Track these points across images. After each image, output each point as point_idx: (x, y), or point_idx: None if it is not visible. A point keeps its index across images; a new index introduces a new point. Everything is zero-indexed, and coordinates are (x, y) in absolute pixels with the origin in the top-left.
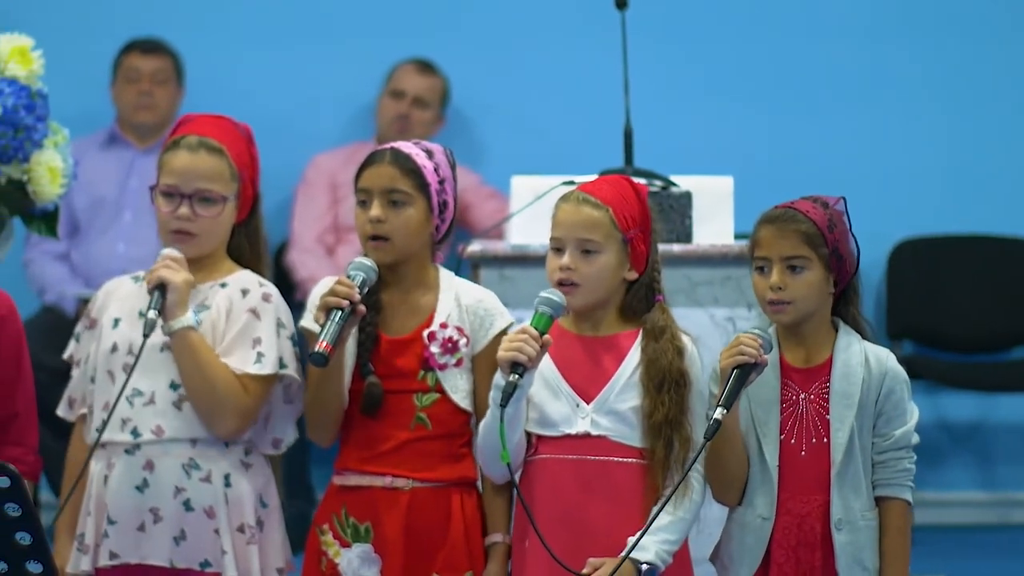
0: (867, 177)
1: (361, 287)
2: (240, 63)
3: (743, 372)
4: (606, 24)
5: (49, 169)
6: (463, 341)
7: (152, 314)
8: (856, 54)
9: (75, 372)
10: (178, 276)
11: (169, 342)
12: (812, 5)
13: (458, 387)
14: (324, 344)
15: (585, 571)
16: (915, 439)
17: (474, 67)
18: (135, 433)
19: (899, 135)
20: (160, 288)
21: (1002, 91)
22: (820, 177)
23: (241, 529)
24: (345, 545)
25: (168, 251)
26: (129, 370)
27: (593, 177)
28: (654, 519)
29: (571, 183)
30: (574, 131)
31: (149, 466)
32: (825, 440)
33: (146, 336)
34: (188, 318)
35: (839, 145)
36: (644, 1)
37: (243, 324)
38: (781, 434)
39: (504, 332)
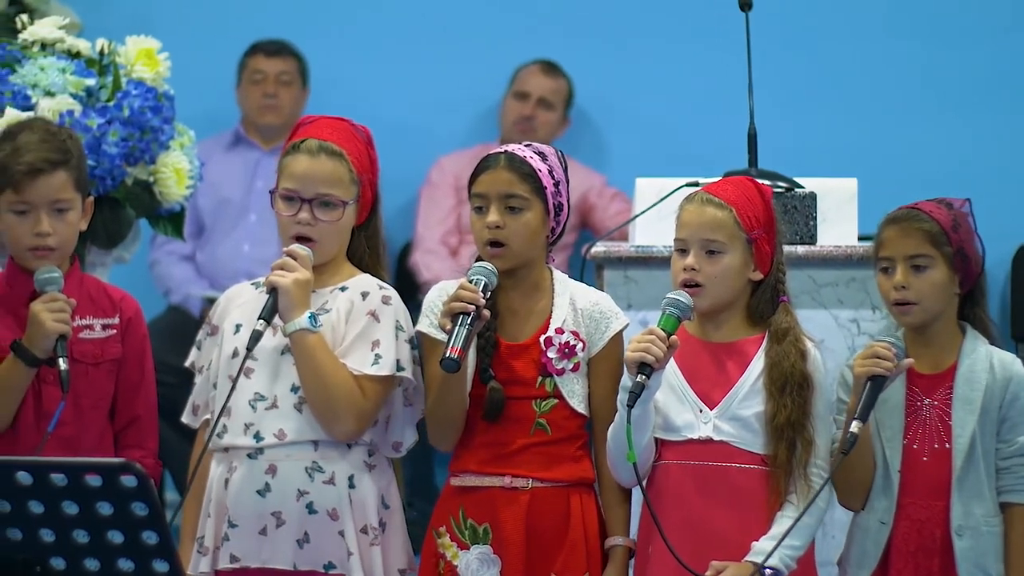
0: (991, 177)
1: (483, 291)
2: (365, 65)
3: (877, 383)
4: (730, 25)
5: (175, 170)
6: (579, 346)
7: (260, 324)
8: (979, 54)
9: (198, 379)
10: (287, 279)
11: (288, 345)
12: (936, 5)
13: (575, 392)
14: (455, 349)
15: (708, 573)
16: None
17: (598, 68)
18: (258, 437)
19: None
20: (272, 293)
21: None
22: (944, 178)
23: (364, 530)
24: (463, 547)
25: (292, 247)
26: (236, 374)
27: (717, 179)
28: (789, 531)
29: (695, 184)
30: (698, 132)
31: (271, 470)
32: (947, 445)
33: (249, 349)
34: (302, 320)
35: (963, 145)
36: (768, 2)
37: (363, 326)
38: (904, 439)
39: (619, 334)
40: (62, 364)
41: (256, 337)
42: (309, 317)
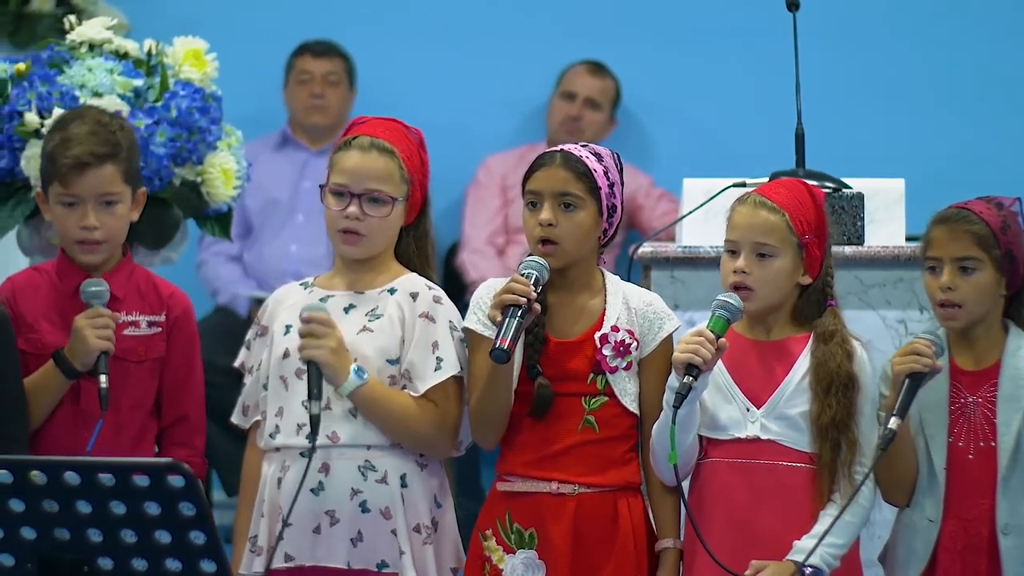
0: None
1: (535, 284)
2: (412, 65)
3: (915, 380)
4: (777, 25)
5: (223, 171)
6: (634, 344)
7: (315, 407)
8: None
9: (247, 379)
10: (321, 351)
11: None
12: (984, 5)
13: (627, 390)
14: (505, 341)
15: (748, 573)
16: None
17: (645, 69)
18: (310, 438)
19: None
20: (311, 365)
21: None
22: (992, 178)
23: (417, 529)
24: (509, 551)
25: (307, 313)
26: (312, 444)
27: (764, 179)
28: (829, 529)
29: (742, 185)
30: (745, 133)
31: (325, 469)
32: (993, 444)
33: (313, 439)
34: (352, 381)
35: (1011, 146)
36: (815, 2)
37: (419, 331)
38: (949, 437)
39: (671, 336)
40: (103, 381)
41: (316, 422)
42: (355, 372)
